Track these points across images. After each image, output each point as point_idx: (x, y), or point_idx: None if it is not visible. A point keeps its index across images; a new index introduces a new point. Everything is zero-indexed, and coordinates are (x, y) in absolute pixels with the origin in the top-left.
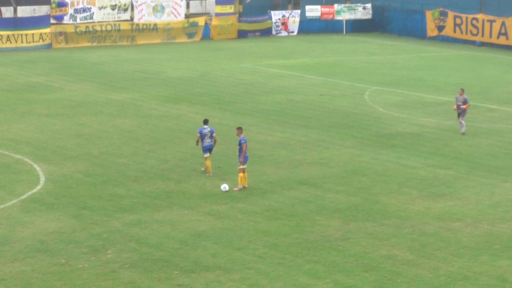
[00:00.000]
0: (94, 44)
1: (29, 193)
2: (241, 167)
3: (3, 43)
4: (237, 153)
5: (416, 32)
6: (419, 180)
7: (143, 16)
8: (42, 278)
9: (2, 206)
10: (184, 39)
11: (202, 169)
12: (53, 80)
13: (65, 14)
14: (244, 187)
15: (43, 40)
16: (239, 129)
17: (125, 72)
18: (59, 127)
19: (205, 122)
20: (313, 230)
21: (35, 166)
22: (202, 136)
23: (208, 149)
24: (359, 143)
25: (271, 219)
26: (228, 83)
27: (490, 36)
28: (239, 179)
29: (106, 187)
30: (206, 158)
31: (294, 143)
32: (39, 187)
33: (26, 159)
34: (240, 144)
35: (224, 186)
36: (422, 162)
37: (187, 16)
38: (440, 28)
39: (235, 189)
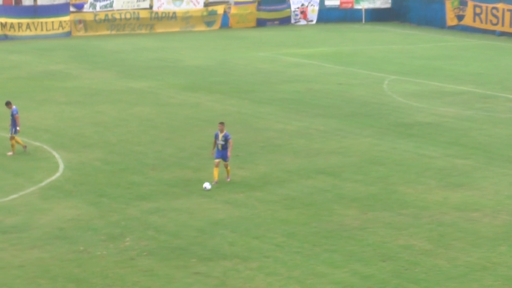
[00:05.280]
0: (113, 32)
1: (48, 181)
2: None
3: (22, 30)
4: (219, 149)
5: (436, 21)
6: (437, 170)
7: (162, 4)
8: (60, 265)
9: (21, 193)
10: (202, 28)
11: (9, 153)
12: (72, 68)
13: (85, 3)
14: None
15: (63, 28)
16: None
17: (144, 61)
18: (78, 114)
19: (8, 103)
20: (331, 219)
21: (54, 153)
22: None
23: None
24: (378, 132)
25: (289, 208)
26: (246, 72)
27: (510, 25)
28: (229, 171)
29: (124, 175)
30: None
31: (312, 132)
32: (58, 174)
33: (45, 147)
34: (227, 140)
35: (205, 186)
36: (441, 152)
37: (206, 4)
38: (460, 18)
39: (214, 183)
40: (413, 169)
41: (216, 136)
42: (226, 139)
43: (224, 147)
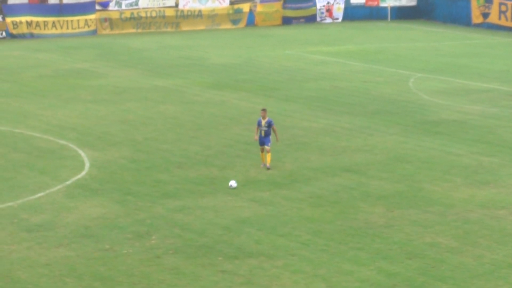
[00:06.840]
0: (139, 30)
1: (73, 179)
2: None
3: (48, 29)
4: (262, 135)
5: (461, 19)
6: (463, 168)
7: (188, 2)
8: (86, 263)
9: (47, 191)
10: (228, 26)
11: None
12: (98, 66)
13: (111, 1)
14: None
15: (88, 26)
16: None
17: (170, 59)
18: (104, 113)
19: None
20: (357, 217)
21: (80, 151)
22: None
23: None
24: (403, 130)
25: (315, 206)
26: (272, 70)
27: None
28: (269, 158)
29: (150, 173)
30: None
31: (338, 130)
32: (83, 172)
33: (71, 145)
34: (270, 126)
35: (231, 184)
36: (466, 150)
37: (232, 2)
38: (485, 15)
39: (262, 166)
40: (439, 167)
41: (259, 123)
42: (269, 124)
43: (267, 133)
